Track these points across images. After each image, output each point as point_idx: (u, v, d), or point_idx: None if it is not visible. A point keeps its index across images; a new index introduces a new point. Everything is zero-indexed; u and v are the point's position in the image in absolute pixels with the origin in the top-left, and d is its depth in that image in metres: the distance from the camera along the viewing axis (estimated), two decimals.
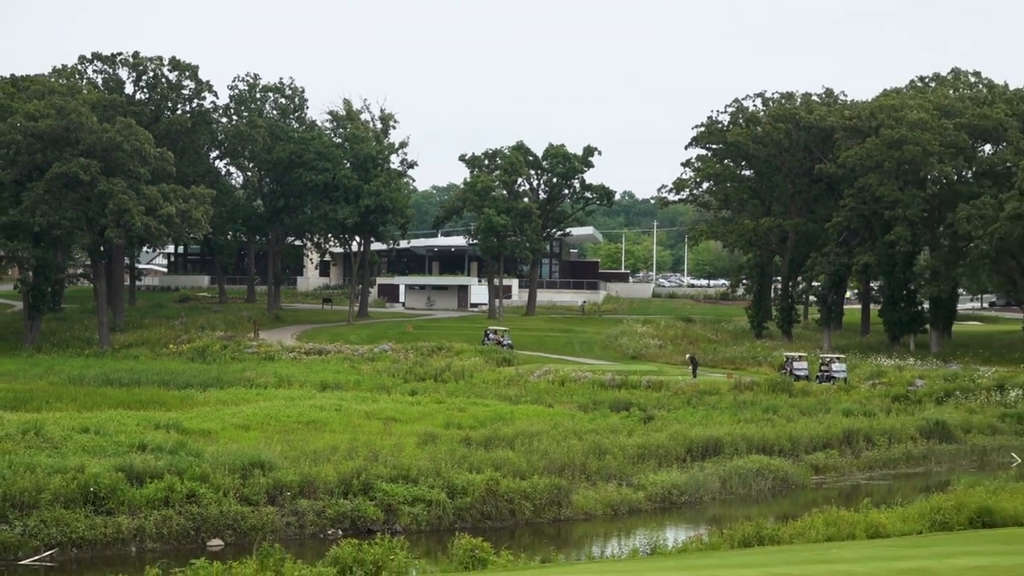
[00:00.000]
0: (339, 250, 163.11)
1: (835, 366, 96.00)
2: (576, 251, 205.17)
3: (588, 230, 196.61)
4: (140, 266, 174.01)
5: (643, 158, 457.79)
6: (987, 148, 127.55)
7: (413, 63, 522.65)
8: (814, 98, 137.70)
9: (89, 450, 52.76)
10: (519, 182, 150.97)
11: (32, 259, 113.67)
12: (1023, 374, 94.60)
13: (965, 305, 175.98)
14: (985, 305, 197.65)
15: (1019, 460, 74.65)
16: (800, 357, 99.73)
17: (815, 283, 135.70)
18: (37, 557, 44.00)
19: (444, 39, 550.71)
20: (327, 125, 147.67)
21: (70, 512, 45.75)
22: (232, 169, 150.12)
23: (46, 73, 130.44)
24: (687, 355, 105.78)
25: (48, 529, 44.94)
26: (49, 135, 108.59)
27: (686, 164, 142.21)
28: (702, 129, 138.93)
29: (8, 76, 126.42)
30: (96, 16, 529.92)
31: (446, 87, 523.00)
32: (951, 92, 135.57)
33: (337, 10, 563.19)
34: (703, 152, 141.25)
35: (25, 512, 45.22)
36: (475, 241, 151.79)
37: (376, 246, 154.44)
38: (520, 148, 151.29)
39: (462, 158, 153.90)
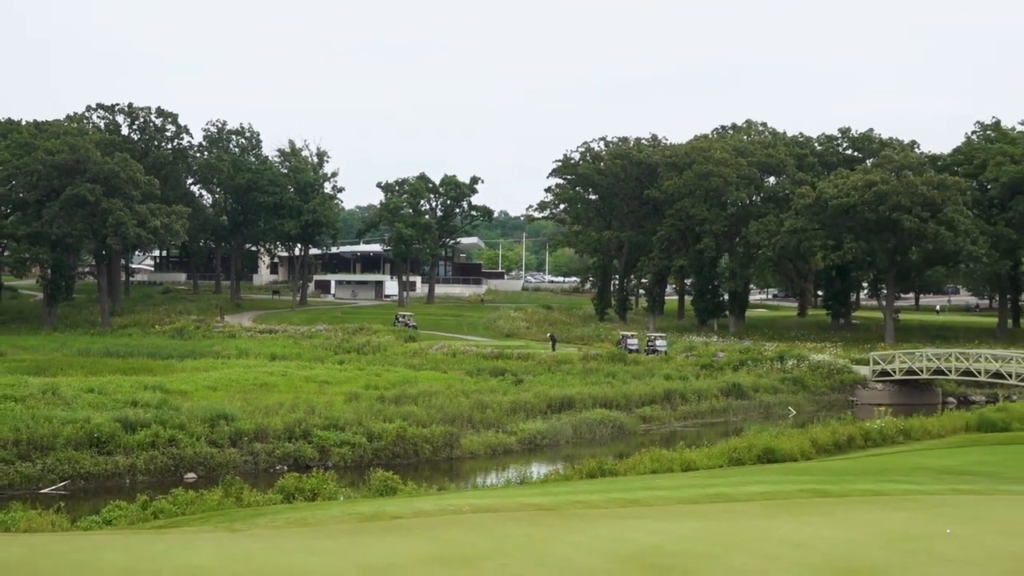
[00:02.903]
0: (285, 254, 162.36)
1: (658, 342, 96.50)
2: (464, 255, 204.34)
3: (473, 239, 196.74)
4: (133, 266, 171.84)
5: (515, 184, 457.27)
6: (771, 179, 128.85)
7: (341, 107, 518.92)
8: (643, 141, 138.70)
9: (94, 405, 52.38)
10: (421, 203, 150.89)
11: (50, 260, 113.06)
12: (797, 348, 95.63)
13: (755, 296, 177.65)
14: (770, 296, 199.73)
15: (794, 412, 75.53)
16: (632, 335, 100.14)
17: (643, 280, 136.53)
18: (53, 487, 43.74)
19: (369, 88, 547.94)
20: (276, 159, 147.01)
21: (79, 453, 45.84)
22: (203, 192, 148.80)
23: (61, 119, 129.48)
24: (548, 334, 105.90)
25: (62, 466, 44.98)
26: (63, 166, 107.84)
27: (547, 190, 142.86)
28: (559, 164, 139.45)
29: (32, 121, 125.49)
30: (97, 68, 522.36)
31: (369, 129, 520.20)
32: (745, 137, 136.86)
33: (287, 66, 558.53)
34: (560, 181, 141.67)
35: (44, 453, 45.26)
36: (388, 247, 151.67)
37: (313, 251, 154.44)
38: (422, 177, 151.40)
39: (379, 185, 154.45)
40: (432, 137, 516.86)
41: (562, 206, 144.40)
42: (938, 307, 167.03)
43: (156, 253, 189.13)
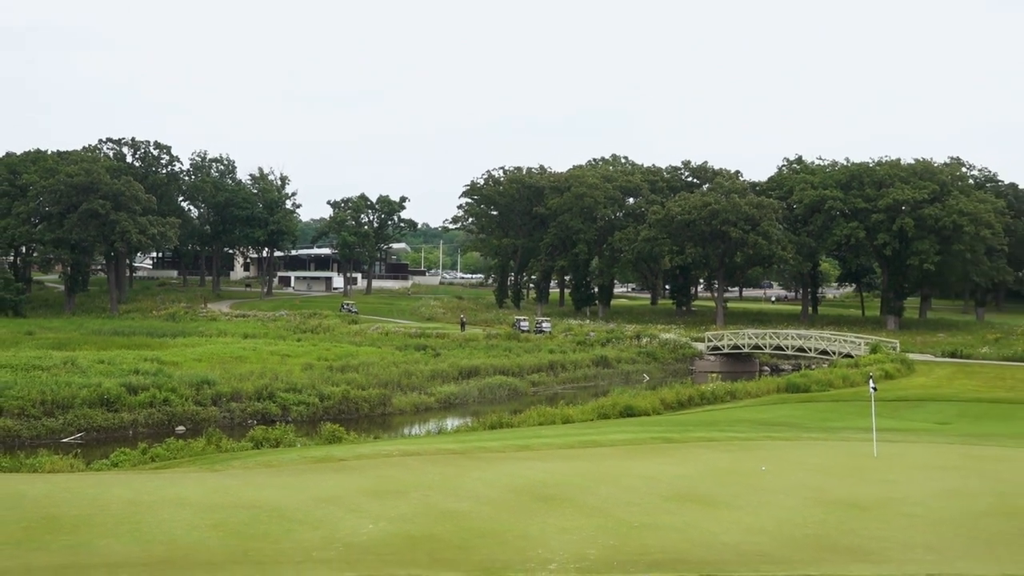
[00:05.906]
0: (255, 255, 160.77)
1: (544, 324, 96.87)
2: (395, 257, 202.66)
3: (402, 245, 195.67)
4: (135, 264, 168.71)
5: (434, 202, 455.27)
6: (631, 200, 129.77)
7: (300, 139, 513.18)
8: (533, 170, 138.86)
9: (104, 373, 51.75)
10: (362, 216, 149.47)
11: (70, 260, 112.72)
12: (650, 329, 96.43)
13: (619, 289, 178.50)
14: (629, 289, 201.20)
15: (648, 378, 76.07)
16: (524, 319, 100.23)
17: (533, 276, 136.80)
18: (72, 438, 43.24)
19: (323, 125, 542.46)
20: (248, 182, 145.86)
21: (92, 410, 45.43)
22: (191, 207, 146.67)
23: (78, 149, 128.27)
24: (460, 317, 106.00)
25: (79, 421, 44.58)
26: (80, 186, 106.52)
27: (459, 207, 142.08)
28: (468, 187, 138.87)
29: (55, 151, 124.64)
30: (106, 107, 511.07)
31: (321, 157, 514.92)
32: (611, 167, 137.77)
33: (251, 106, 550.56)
34: (469, 200, 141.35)
35: (64, 410, 44.84)
36: (336, 251, 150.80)
37: (277, 253, 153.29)
38: (362, 196, 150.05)
39: (329, 202, 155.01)
40: (371, 163, 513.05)
41: (470, 219, 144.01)
42: (773, 298, 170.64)
43: (154, 254, 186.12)
